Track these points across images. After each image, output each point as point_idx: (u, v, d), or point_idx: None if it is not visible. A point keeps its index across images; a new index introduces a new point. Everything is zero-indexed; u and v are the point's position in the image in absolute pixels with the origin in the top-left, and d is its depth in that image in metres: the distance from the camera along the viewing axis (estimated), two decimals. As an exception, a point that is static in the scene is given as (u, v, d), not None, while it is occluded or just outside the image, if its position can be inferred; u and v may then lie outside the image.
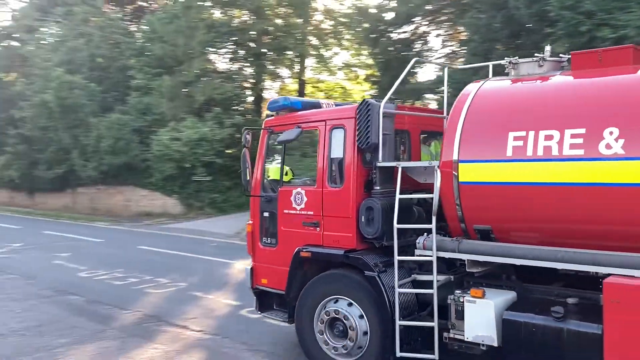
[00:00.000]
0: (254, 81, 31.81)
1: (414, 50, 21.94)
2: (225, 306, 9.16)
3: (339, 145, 6.08)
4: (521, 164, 4.80)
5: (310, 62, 32.83)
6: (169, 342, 7.25)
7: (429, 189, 5.44)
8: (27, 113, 30.10)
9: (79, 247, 16.60)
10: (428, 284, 5.45)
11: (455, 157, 5.16)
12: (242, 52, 31.40)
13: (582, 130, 4.53)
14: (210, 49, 28.80)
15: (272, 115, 7.20)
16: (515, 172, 4.84)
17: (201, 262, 13.71)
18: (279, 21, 31.43)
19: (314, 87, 35.99)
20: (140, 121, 26.63)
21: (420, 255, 5.46)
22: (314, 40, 31.47)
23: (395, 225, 5.44)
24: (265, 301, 7.03)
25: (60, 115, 27.53)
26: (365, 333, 5.76)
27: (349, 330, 5.83)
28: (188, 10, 25.76)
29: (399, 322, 5.48)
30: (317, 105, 6.98)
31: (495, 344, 4.97)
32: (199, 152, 24.44)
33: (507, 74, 5.72)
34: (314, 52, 31.71)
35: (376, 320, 5.67)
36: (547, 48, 5.67)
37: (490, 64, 6.15)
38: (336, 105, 6.72)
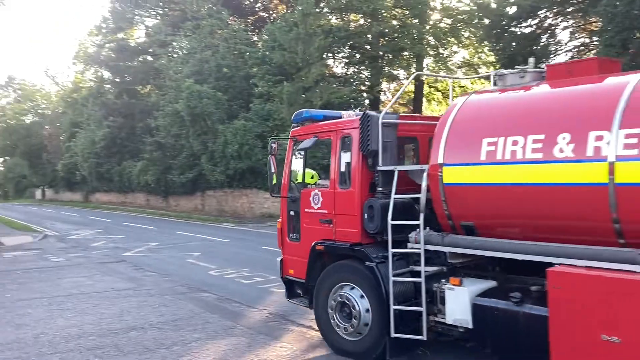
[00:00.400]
0: (370, 84, 31.87)
1: (540, 44, 20.80)
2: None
3: (347, 151, 6.83)
4: (492, 167, 5.41)
5: (427, 61, 32.27)
6: (295, 341, 7.38)
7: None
8: (161, 122, 32.39)
9: (208, 246, 17.55)
10: (430, 275, 6.06)
11: (440, 161, 5.80)
12: (358, 56, 31.62)
13: (542, 136, 5.07)
14: (328, 54, 29.28)
15: (297, 126, 7.91)
16: (488, 174, 5.44)
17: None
18: (395, 23, 31.25)
19: (431, 86, 35.33)
20: (263, 127, 27.63)
21: (411, 248, 6.09)
22: (432, 40, 30.90)
23: (389, 222, 6.10)
24: (292, 289, 7.83)
25: (191, 123, 29.30)
26: (367, 316, 6.44)
27: (353, 312, 6.55)
28: (306, 18, 26.34)
29: (393, 307, 6.09)
30: (337, 117, 7.53)
31: (470, 326, 5.63)
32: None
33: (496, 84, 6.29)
34: (431, 52, 31.14)
35: (376, 305, 6.34)
36: (531, 60, 6.28)
37: (477, 76, 7.52)
38: (356, 115, 7.10)
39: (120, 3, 40.70)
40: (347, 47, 31.09)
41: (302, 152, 7.68)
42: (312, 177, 7.88)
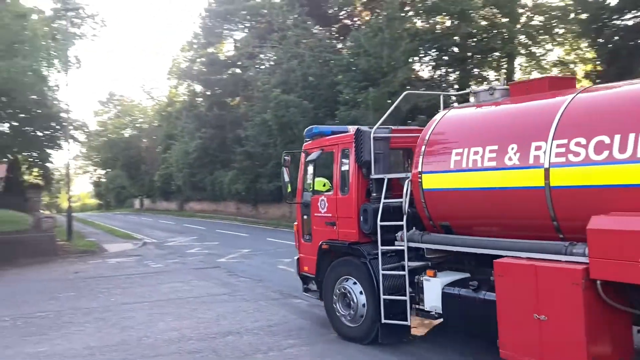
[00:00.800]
0: (458, 86, 31.05)
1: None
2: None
3: (346, 162, 7.84)
4: (459, 174, 6.23)
5: (519, 61, 31.01)
6: (392, 349, 7.18)
7: None
8: (250, 132, 33.20)
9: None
10: (414, 269, 6.90)
11: (419, 169, 6.70)
12: (445, 58, 30.90)
13: (496, 147, 5.88)
14: (414, 58, 28.83)
15: (308, 141, 8.95)
16: (456, 181, 6.28)
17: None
18: (483, 23, 30.28)
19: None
20: (349, 133, 27.60)
21: (397, 246, 6.97)
22: (523, 38, 29.66)
23: (379, 223, 7.00)
24: (308, 284, 8.93)
25: (278, 133, 29.80)
26: (363, 305, 7.41)
27: (352, 303, 7.54)
28: (392, 22, 26.09)
29: (383, 297, 7.02)
30: (344, 132, 8.34)
31: (440, 311, 6.54)
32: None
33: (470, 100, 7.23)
34: (523, 51, 29.89)
35: (370, 295, 7.29)
36: (501, 78, 7.22)
37: (459, 93, 9.33)
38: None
39: (210, 19, 42.29)
40: (433, 50, 30.48)
41: (312, 163, 8.63)
42: (324, 185, 8.63)
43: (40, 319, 9.84)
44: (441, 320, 6.78)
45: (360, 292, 7.45)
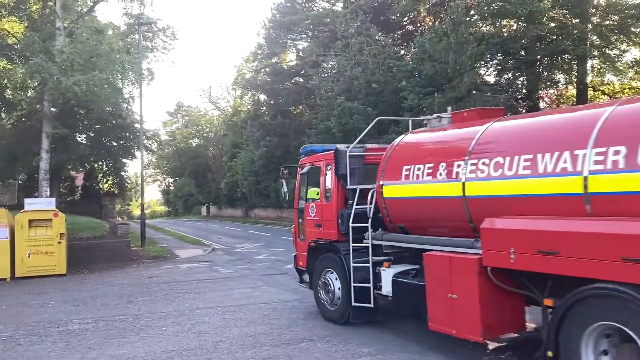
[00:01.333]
0: (527, 90, 30.19)
1: None
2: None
3: (329, 175, 9.45)
4: (407, 185, 7.80)
5: (592, 63, 29.85)
6: (469, 361, 7.02)
7: None
8: (314, 140, 33.44)
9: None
10: (377, 262, 8.46)
11: (381, 182, 8.32)
12: (512, 62, 30.13)
13: (432, 164, 7.36)
14: (480, 62, 28.27)
15: (303, 156, 10.68)
16: (405, 190, 7.86)
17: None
18: (553, 24, 29.34)
19: (596, 90, 32.56)
20: (414, 140, 27.35)
21: (365, 243, 8.55)
22: (596, 39, 28.51)
23: (350, 225, 8.64)
24: (302, 276, 10.83)
25: (342, 140, 29.88)
26: (339, 291, 9.13)
27: (330, 290, 9.35)
28: (457, 27, 25.70)
29: (353, 285, 8.67)
30: (332, 149, 9.45)
31: (390, 295, 8.11)
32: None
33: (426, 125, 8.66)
34: (596, 53, 28.73)
35: (344, 283, 8.98)
36: (449, 109, 8.64)
37: (418, 118, 9.79)
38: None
39: (274, 30, 43.03)
40: (499, 54, 29.78)
41: (305, 176, 10.39)
42: (317, 194, 9.94)
43: (119, 322, 10.23)
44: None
45: (337, 280, 9.21)
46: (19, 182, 33.08)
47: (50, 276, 16.86)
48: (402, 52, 36.09)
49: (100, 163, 33.09)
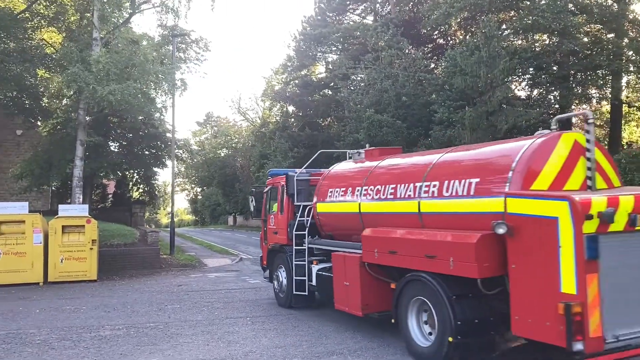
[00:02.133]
0: (559, 106, 29.74)
1: None
2: None
3: (283, 194, 12.24)
4: (330, 204, 10.64)
5: (628, 78, 29.28)
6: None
7: None
8: (342, 152, 33.44)
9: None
10: (311, 260, 11.30)
11: (315, 200, 11.20)
12: (544, 77, 29.75)
13: (344, 188, 10.25)
14: (512, 77, 27.99)
15: (269, 178, 13.47)
16: (330, 207, 10.67)
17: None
18: (586, 39, 28.93)
19: (632, 106, 31.94)
20: (444, 154, 27.12)
21: (303, 246, 11.31)
22: (632, 55, 27.99)
23: (294, 233, 11.43)
24: (265, 272, 13.70)
25: (371, 153, 29.82)
26: (285, 283, 12.04)
27: (280, 282, 12.35)
28: (489, 41, 25.53)
29: (294, 278, 11.41)
30: (292, 172, 12.22)
31: (314, 285, 11.03)
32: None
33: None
34: (632, 68, 28.17)
35: (288, 276, 11.82)
36: (367, 146, 12.15)
37: (355, 151, 11.73)
38: (306, 170, 12.28)
39: (304, 42, 43.29)
40: (532, 68, 29.45)
41: (268, 194, 13.48)
42: (276, 208, 12.66)
43: (150, 329, 10.31)
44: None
45: (284, 274, 12.09)
46: (53, 188, 33.77)
47: (82, 282, 17.14)
48: (433, 65, 35.98)
49: (131, 171, 33.58)
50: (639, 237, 6.30)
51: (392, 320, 8.29)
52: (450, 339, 6.99)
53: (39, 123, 30.98)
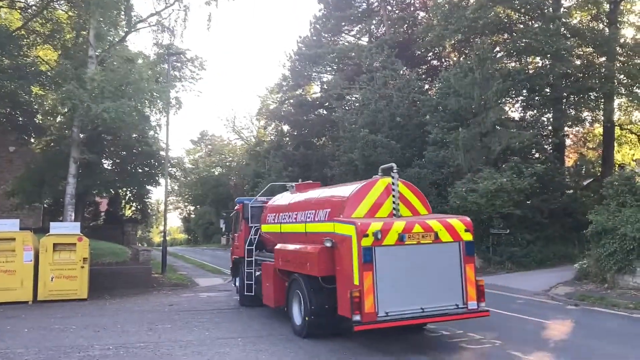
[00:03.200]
0: (552, 128, 29.96)
1: None
2: (551, 371, 8.29)
3: (241, 218, 15.62)
4: (268, 225, 13.98)
5: (619, 101, 29.60)
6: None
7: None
8: (337, 171, 33.47)
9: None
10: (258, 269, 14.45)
11: (261, 222, 14.45)
12: (538, 99, 30.03)
13: (274, 214, 13.72)
14: (506, 98, 28.21)
15: (237, 205, 16.43)
16: (269, 228, 13.90)
17: (511, 319, 12.94)
18: (578, 62, 29.28)
19: (623, 128, 32.23)
20: (437, 174, 27.19)
21: (252, 258, 14.48)
22: (623, 78, 28.34)
23: (246, 247, 14.52)
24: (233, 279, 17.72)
25: (364, 172, 29.79)
26: (240, 285, 15.50)
27: (237, 284, 16.39)
28: (483, 63, 25.80)
29: (245, 282, 14.65)
30: (249, 201, 15.84)
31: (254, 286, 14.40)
32: (496, 204, 23.67)
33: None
34: (623, 91, 28.50)
35: (242, 280, 15.14)
36: (299, 180, 15.84)
37: (286, 183, 15.79)
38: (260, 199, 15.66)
39: (299, 62, 43.57)
40: (525, 90, 29.72)
41: (234, 217, 17.04)
42: (239, 229, 16.06)
43: (140, 349, 10.17)
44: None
45: (240, 279, 15.49)
46: (45, 205, 33.55)
47: (72, 300, 16.92)
48: (427, 86, 36.22)
49: (124, 189, 33.44)
50: (405, 249, 9.58)
51: (285, 310, 11.96)
52: (307, 318, 10.64)
53: (32, 140, 30.88)
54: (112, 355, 9.72)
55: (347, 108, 36.82)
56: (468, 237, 10.02)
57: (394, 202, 10.43)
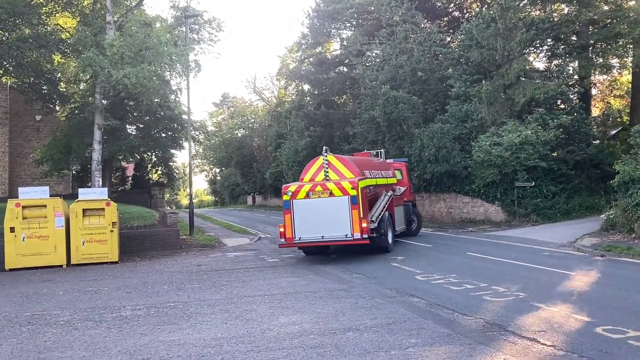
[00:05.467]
0: (579, 76, 29.20)
1: None
2: (574, 321, 8.33)
3: None
4: None
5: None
6: (520, 355, 6.85)
7: None
8: (358, 129, 33.29)
9: (411, 251, 17.49)
10: None
11: None
12: (563, 47, 29.19)
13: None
14: (530, 48, 27.49)
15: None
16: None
17: (535, 271, 12.94)
18: (606, 8, 28.24)
19: (654, 75, 31.10)
20: (461, 129, 26.87)
21: None
22: (654, 22, 27.25)
23: None
24: None
25: (387, 129, 29.64)
26: None
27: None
28: (506, 12, 25.07)
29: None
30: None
31: None
32: (521, 157, 23.41)
33: None
34: (654, 35, 27.44)
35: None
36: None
37: None
38: None
39: (318, 19, 42.89)
40: (550, 39, 28.88)
41: None
42: None
43: (170, 309, 10.49)
44: None
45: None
46: (73, 172, 34.25)
47: (103, 263, 17.48)
48: (449, 39, 35.45)
49: (149, 154, 33.85)
50: (311, 201, 15.63)
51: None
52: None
53: (57, 108, 31.31)
54: (144, 315, 10.05)
55: (367, 64, 36.31)
56: (353, 192, 15.23)
57: (325, 171, 16.37)
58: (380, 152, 23.47)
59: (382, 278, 12.81)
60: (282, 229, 15.75)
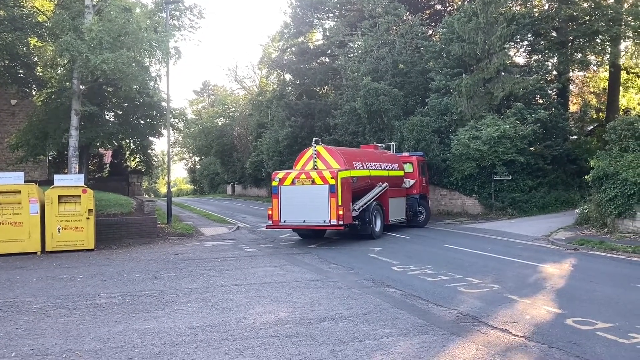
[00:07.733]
0: (555, 73, 29.53)
1: None
2: (546, 313, 8.49)
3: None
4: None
5: (626, 44, 29.02)
6: (491, 345, 6.97)
7: None
8: (339, 120, 33.28)
9: (389, 242, 17.61)
10: None
11: None
12: (543, 43, 29.49)
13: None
14: (510, 43, 27.71)
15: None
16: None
17: (510, 264, 13.14)
18: (585, 5, 28.56)
19: (630, 72, 31.66)
20: (440, 122, 27.04)
21: None
22: (630, 20, 27.66)
23: None
24: None
25: (367, 121, 29.69)
26: None
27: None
28: (487, 7, 25.22)
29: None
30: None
31: None
32: (499, 151, 23.67)
33: None
34: (630, 34, 27.90)
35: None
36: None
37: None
38: None
39: (301, 9, 42.66)
40: (530, 34, 29.15)
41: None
42: None
43: (145, 297, 10.43)
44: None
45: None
46: (49, 158, 33.71)
47: (79, 251, 17.27)
48: (430, 32, 35.55)
49: (127, 141, 33.41)
50: (296, 187, 17.26)
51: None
52: None
53: (33, 92, 30.72)
54: (119, 303, 9.98)
55: (349, 56, 36.26)
56: (332, 182, 16.51)
57: (314, 161, 17.93)
58: (393, 145, 24.30)
59: (359, 269, 12.89)
60: (270, 212, 17.72)
